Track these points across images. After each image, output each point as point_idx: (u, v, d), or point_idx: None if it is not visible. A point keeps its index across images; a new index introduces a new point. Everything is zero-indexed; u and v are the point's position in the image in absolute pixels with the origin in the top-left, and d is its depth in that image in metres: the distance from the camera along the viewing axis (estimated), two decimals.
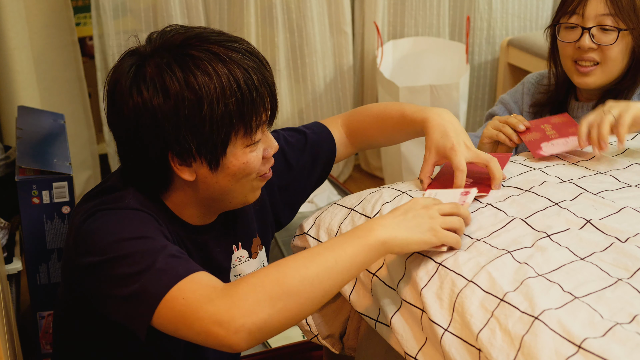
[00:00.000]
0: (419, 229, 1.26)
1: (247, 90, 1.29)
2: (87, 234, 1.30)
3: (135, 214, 1.32)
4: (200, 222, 1.43)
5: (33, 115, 2.31)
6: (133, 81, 1.29)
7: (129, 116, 1.30)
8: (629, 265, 1.20)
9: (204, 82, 1.27)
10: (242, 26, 2.99)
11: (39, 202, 1.92)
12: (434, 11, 3.26)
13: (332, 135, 1.67)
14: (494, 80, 3.43)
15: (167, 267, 1.22)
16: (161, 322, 1.20)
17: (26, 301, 2.23)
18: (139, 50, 1.33)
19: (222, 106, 1.28)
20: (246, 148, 1.33)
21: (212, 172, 1.34)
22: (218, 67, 1.28)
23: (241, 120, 1.30)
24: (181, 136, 1.29)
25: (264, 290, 1.16)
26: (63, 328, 1.48)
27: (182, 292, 1.18)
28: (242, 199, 1.41)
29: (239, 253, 1.54)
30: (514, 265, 1.23)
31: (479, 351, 1.16)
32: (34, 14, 2.75)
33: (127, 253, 1.24)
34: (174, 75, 1.27)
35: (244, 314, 1.14)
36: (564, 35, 1.87)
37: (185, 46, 1.30)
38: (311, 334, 1.59)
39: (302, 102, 3.21)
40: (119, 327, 1.33)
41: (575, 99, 1.94)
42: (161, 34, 1.34)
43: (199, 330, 1.16)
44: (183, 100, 1.27)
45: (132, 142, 1.33)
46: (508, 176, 1.50)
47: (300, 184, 1.64)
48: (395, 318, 1.32)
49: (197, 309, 1.16)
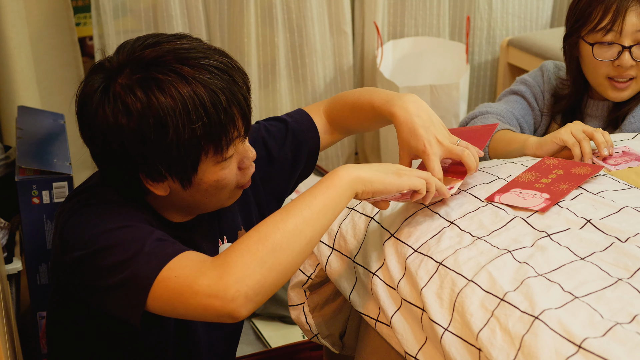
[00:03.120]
0: (384, 170, 1.29)
1: (214, 113, 1.27)
2: (71, 229, 1.30)
3: (118, 206, 1.32)
4: (182, 220, 1.44)
5: (33, 115, 2.31)
6: (99, 102, 1.28)
7: (97, 135, 1.30)
8: (629, 265, 1.20)
9: (168, 106, 1.24)
10: (242, 26, 2.99)
11: (39, 202, 1.92)
12: (434, 11, 3.26)
13: (314, 122, 1.64)
14: (494, 80, 3.43)
15: (156, 250, 1.22)
16: (157, 304, 1.21)
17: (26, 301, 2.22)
18: (105, 66, 1.30)
19: (188, 131, 1.26)
20: (217, 165, 1.32)
21: (185, 189, 1.33)
22: (184, 90, 1.25)
23: (210, 141, 1.29)
24: (149, 159, 1.28)
25: (250, 253, 1.17)
26: (55, 329, 1.48)
27: (173, 270, 1.19)
28: (218, 205, 1.41)
29: (225, 246, 1.54)
30: (514, 264, 1.23)
31: (479, 351, 1.16)
32: (34, 14, 2.74)
33: (113, 243, 1.24)
34: (138, 98, 1.25)
35: (236, 279, 1.16)
36: (598, 52, 1.79)
37: (151, 66, 1.27)
38: (311, 334, 1.59)
39: (302, 102, 3.21)
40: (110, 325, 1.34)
41: (590, 97, 1.92)
42: (130, 49, 1.30)
43: (196, 304, 1.17)
44: (147, 125, 1.25)
45: (103, 159, 1.33)
46: (508, 176, 1.50)
47: (284, 174, 1.62)
48: (395, 317, 1.32)
49: (191, 284, 1.17)
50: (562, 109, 1.94)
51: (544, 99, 1.96)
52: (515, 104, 1.96)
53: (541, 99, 1.96)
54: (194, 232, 1.45)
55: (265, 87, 3.15)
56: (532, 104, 1.96)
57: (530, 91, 1.96)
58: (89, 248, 1.25)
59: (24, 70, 2.72)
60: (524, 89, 1.97)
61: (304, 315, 1.56)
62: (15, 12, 2.65)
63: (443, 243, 1.32)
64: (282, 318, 2.36)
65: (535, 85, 1.97)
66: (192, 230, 1.45)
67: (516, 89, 1.99)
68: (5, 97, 2.72)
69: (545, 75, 1.98)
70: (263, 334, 2.32)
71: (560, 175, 1.47)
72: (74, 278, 1.29)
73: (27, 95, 2.74)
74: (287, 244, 1.19)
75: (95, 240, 1.25)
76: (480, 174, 1.52)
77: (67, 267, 1.30)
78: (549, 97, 1.96)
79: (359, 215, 1.48)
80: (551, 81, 1.97)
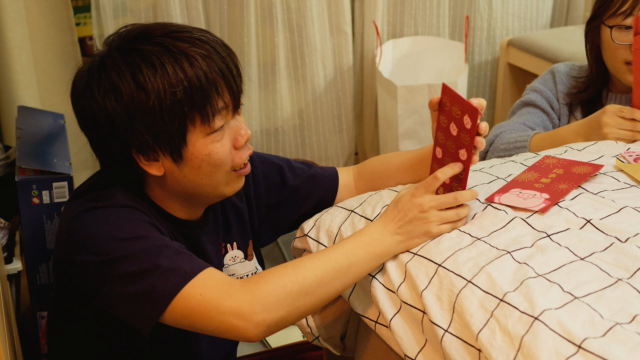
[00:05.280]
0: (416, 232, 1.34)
1: (194, 76, 1.30)
2: (81, 231, 1.31)
3: (127, 212, 1.33)
4: (188, 217, 1.44)
5: (33, 115, 2.31)
6: (87, 83, 1.32)
7: (88, 117, 1.33)
8: (629, 265, 1.20)
9: (149, 74, 1.28)
10: (242, 26, 2.99)
11: (39, 202, 1.92)
12: (433, 11, 3.26)
13: (337, 175, 1.67)
14: (494, 80, 3.43)
15: (174, 266, 1.25)
16: (174, 317, 1.25)
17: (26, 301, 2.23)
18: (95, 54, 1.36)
19: (169, 95, 1.29)
20: (207, 137, 1.33)
21: (178, 165, 1.34)
22: (163, 58, 1.29)
23: (193, 107, 1.31)
24: (136, 130, 1.30)
25: (285, 290, 1.24)
26: (55, 329, 1.48)
27: (197, 288, 1.24)
28: (216, 192, 1.41)
29: (234, 253, 1.54)
30: (513, 265, 1.23)
31: (478, 351, 1.16)
32: (34, 14, 2.74)
33: (128, 254, 1.26)
34: (121, 71, 1.29)
35: (266, 309, 1.23)
36: (617, 36, 1.81)
37: (134, 41, 1.32)
38: (312, 336, 1.59)
39: (302, 102, 3.21)
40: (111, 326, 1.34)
41: (608, 90, 1.92)
42: (116, 35, 1.36)
43: (219, 323, 1.23)
44: (131, 94, 1.29)
45: (97, 142, 1.36)
46: (508, 176, 1.50)
47: (290, 205, 1.63)
48: (394, 320, 1.32)
49: (218, 304, 1.23)
50: (582, 99, 1.94)
51: (558, 101, 1.97)
52: (528, 115, 1.97)
53: (555, 101, 1.98)
54: (200, 232, 1.45)
55: (265, 87, 3.15)
56: (547, 109, 1.97)
57: (542, 97, 1.98)
58: (102, 256, 1.27)
59: (24, 70, 2.72)
60: (535, 96, 1.99)
61: (304, 318, 1.56)
62: (15, 12, 2.65)
63: (442, 244, 1.32)
64: None
65: (546, 90, 1.98)
66: (197, 228, 1.45)
67: (527, 100, 2.00)
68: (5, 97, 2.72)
69: (557, 77, 1.99)
70: None
71: (560, 175, 1.47)
72: (83, 279, 1.30)
73: (27, 95, 2.74)
74: (319, 292, 1.28)
75: (107, 248, 1.27)
76: (480, 174, 1.51)
77: (75, 267, 1.30)
78: (563, 97, 1.97)
79: (358, 218, 1.48)
80: (564, 82, 1.98)
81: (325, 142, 3.28)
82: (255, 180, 1.59)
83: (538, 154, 1.62)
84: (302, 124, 3.24)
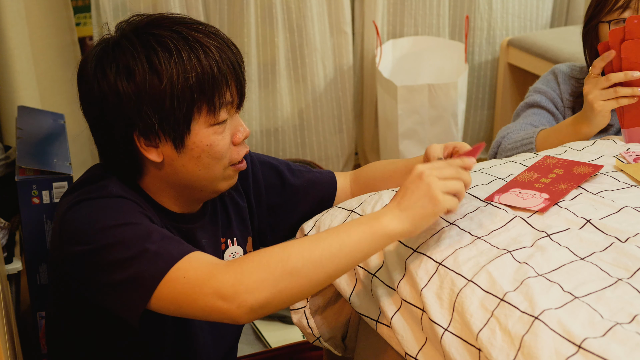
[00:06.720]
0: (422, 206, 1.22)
1: (207, 65, 1.31)
2: (72, 223, 1.31)
3: (118, 201, 1.33)
4: (182, 210, 1.44)
5: (33, 115, 2.31)
6: (99, 62, 1.33)
7: (95, 97, 1.33)
8: (629, 265, 1.20)
9: (164, 58, 1.30)
10: (242, 26, 2.99)
11: (39, 202, 1.92)
12: (433, 11, 3.26)
13: (335, 179, 1.66)
14: (494, 80, 3.43)
15: (161, 250, 1.24)
16: (161, 303, 1.23)
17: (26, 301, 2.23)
18: (107, 38, 1.37)
19: (182, 80, 1.30)
20: (210, 128, 1.34)
21: (178, 153, 1.34)
22: (179, 44, 1.31)
23: (203, 95, 1.32)
24: (143, 111, 1.31)
25: (269, 270, 1.18)
26: (55, 329, 1.48)
27: (182, 271, 1.21)
28: (212, 187, 1.41)
29: (234, 249, 1.54)
30: (514, 264, 1.23)
31: (479, 351, 1.16)
32: (34, 14, 2.74)
33: (115, 240, 1.25)
34: (137, 52, 1.30)
35: (247, 290, 1.18)
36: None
37: (149, 26, 1.34)
38: (313, 337, 1.58)
39: (302, 102, 3.21)
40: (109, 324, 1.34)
41: None
42: (127, 22, 1.37)
43: (203, 305, 1.20)
44: (144, 76, 1.30)
45: (99, 123, 1.36)
46: (508, 176, 1.50)
47: (290, 206, 1.63)
48: (395, 318, 1.32)
49: (201, 285, 1.20)
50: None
51: (562, 100, 1.97)
52: (534, 116, 1.97)
53: (559, 101, 1.98)
54: (195, 226, 1.45)
55: (265, 87, 3.15)
56: (552, 109, 1.98)
57: (546, 97, 1.98)
58: (90, 244, 1.26)
59: (24, 70, 2.72)
60: (539, 97, 1.99)
61: (305, 319, 1.56)
62: (15, 12, 2.65)
63: (443, 243, 1.32)
64: (282, 318, 2.36)
65: (550, 91, 1.99)
66: (191, 222, 1.45)
67: (531, 101, 2.01)
68: (5, 97, 2.72)
69: (560, 77, 1.99)
70: (263, 334, 2.32)
71: (560, 175, 1.47)
72: (73, 271, 1.30)
73: (27, 95, 2.74)
74: (306, 274, 1.20)
75: (97, 236, 1.26)
76: (479, 175, 1.52)
77: (66, 259, 1.30)
78: (568, 97, 1.97)
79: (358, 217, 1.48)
80: (566, 82, 1.98)
81: (325, 142, 3.29)
82: (255, 179, 1.59)
83: (538, 154, 1.62)
84: (302, 124, 3.24)
